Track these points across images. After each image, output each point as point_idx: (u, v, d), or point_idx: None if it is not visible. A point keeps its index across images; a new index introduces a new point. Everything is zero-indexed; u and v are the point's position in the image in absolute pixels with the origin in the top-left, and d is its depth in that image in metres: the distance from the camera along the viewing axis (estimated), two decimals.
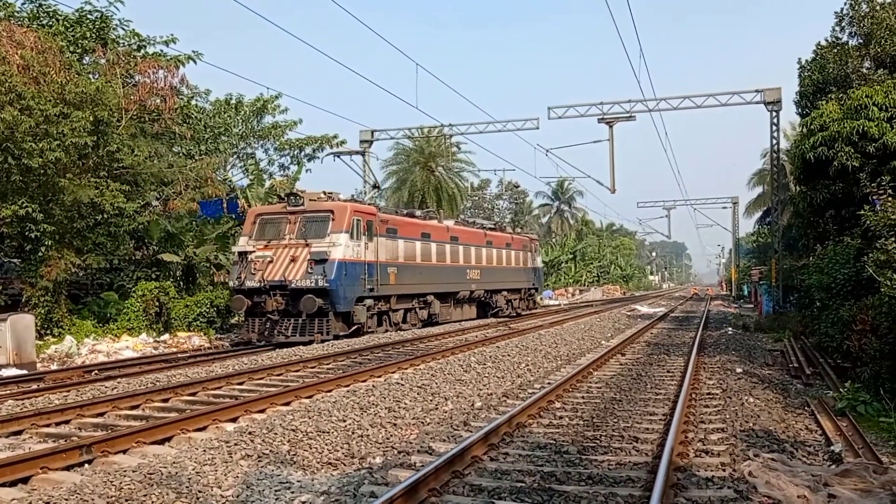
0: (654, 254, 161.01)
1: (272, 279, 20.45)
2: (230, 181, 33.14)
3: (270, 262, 20.69)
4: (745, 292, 59.13)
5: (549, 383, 12.81)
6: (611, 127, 30.15)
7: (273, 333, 20.42)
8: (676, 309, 44.27)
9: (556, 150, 32.42)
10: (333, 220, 20.80)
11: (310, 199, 21.44)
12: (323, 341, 20.02)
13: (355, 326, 21.30)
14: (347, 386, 12.56)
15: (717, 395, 11.63)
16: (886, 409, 10.10)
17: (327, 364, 15.63)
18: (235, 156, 35.41)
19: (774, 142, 30.44)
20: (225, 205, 30.35)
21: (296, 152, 36.23)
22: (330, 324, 20.35)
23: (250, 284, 20.59)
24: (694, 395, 11.51)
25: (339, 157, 25.82)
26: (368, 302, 21.77)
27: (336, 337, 20.40)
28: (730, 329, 26.15)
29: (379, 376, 13.56)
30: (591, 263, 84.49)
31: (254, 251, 20.93)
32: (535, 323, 28.13)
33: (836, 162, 18.37)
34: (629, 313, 37.05)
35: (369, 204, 24.48)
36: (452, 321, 27.82)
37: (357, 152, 29.45)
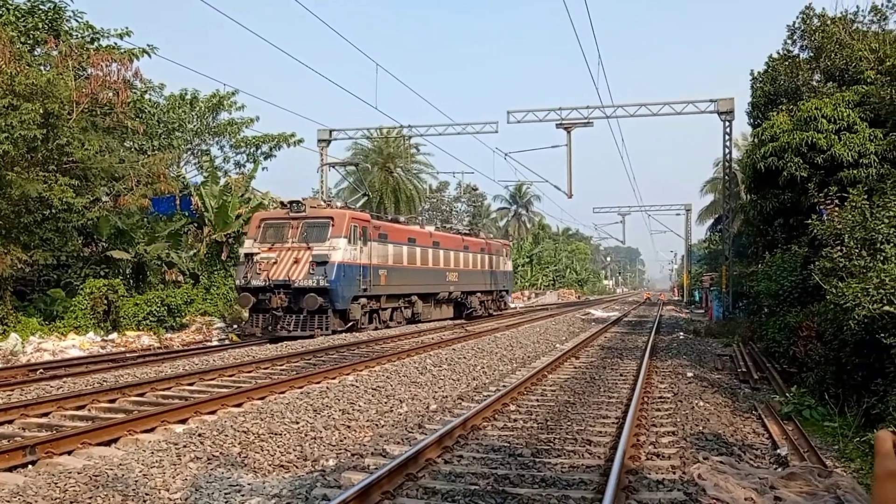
0: (608, 259, 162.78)
1: (277, 279, 22.36)
2: (184, 178, 32.58)
3: (275, 263, 22.60)
4: (697, 298, 60.09)
5: (504, 386, 12.87)
6: (569, 132, 30.42)
7: (276, 328, 22.17)
8: (630, 313, 44.89)
9: (514, 154, 32.88)
10: (333, 225, 22.85)
11: (311, 207, 23.62)
12: (322, 335, 21.89)
13: (351, 323, 23.28)
14: (301, 387, 12.44)
15: (668, 398, 11.82)
16: (830, 414, 10.34)
17: (281, 365, 15.50)
18: (190, 152, 34.84)
19: (727, 151, 30.93)
20: (178, 202, 29.82)
21: (252, 150, 35.79)
22: (329, 320, 22.31)
23: (256, 283, 22.43)
24: (646, 399, 11.68)
25: (334, 167, 26.73)
26: (363, 301, 23.87)
27: (334, 332, 22.33)
28: (681, 334, 26.55)
29: (333, 378, 13.50)
30: (547, 267, 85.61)
31: (259, 253, 22.79)
32: (492, 325, 28.36)
33: (786, 172, 18.85)
34: (584, 317, 37.44)
35: (363, 211, 26.95)
36: (433, 320, 29.87)
37: (350, 163, 32.72)
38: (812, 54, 23.52)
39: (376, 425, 9.58)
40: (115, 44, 26.54)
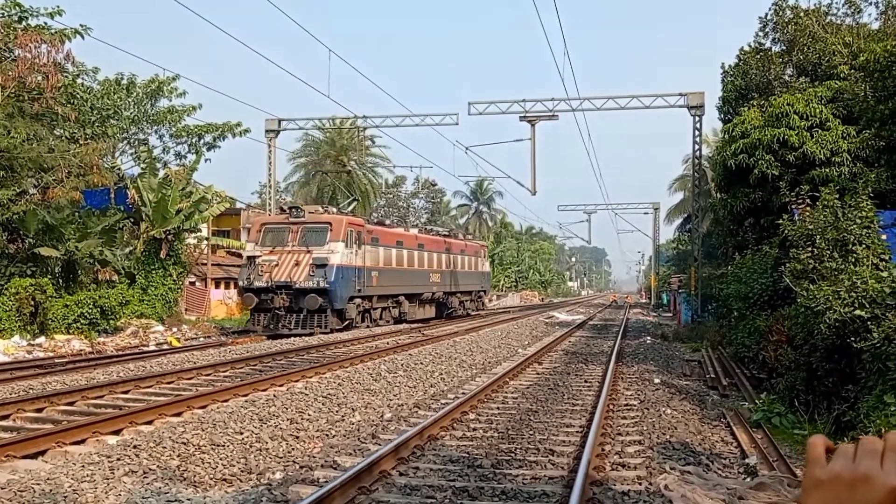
0: (573, 259, 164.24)
1: (279, 280, 24.94)
2: (119, 169, 31.98)
3: (276, 265, 25.15)
4: (665, 301, 60.93)
5: (463, 393, 12.95)
6: (533, 126, 30.59)
7: (278, 326, 24.80)
8: (595, 317, 45.48)
9: (475, 148, 33.21)
10: (331, 230, 25.53)
11: (309, 212, 26.29)
12: (322, 333, 24.24)
13: (347, 321, 25.91)
14: (245, 395, 12.36)
15: (634, 406, 12.01)
16: (801, 422, 10.56)
17: (224, 371, 15.41)
18: (126, 141, 34.18)
19: (696, 147, 31.31)
20: (112, 195, 29.31)
21: (194, 140, 35.24)
22: (328, 319, 24.93)
23: (258, 284, 25.04)
24: (611, 407, 11.83)
25: (326, 173, 28.30)
26: (357, 301, 26.68)
27: (332, 330, 24.77)
28: (648, 338, 26.95)
29: (281, 385, 13.47)
30: (510, 268, 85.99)
31: (261, 255, 25.31)
32: (450, 329, 28.53)
33: (757, 170, 19.25)
34: (547, 320, 37.87)
35: (356, 216, 30.28)
36: (417, 319, 32.53)
37: (343, 170, 36.48)
38: (784, 47, 24.06)
39: (327, 435, 9.54)
40: (45, 23, 25.94)
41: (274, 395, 12.01)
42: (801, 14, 23.87)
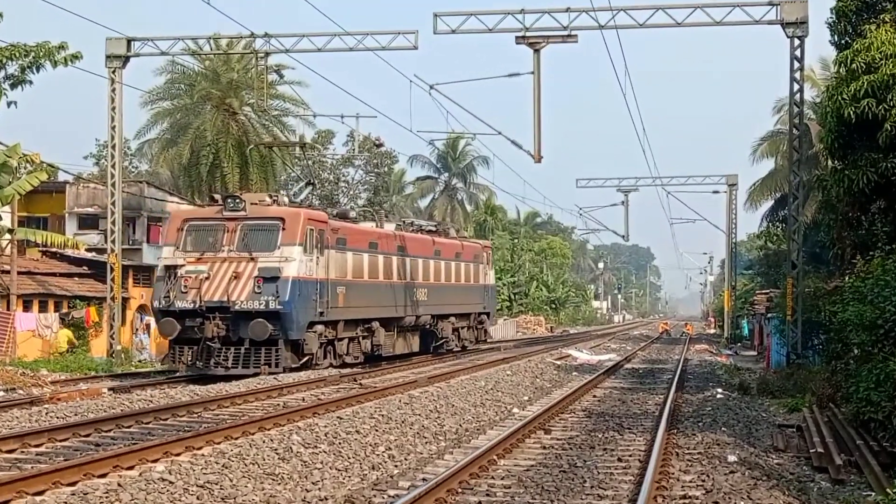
0: (600, 266, 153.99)
1: (210, 299, 24.53)
2: None
3: (207, 278, 24.67)
4: (745, 331, 59.11)
5: (423, 480, 12.15)
6: (537, 52, 28.00)
7: (209, 364, 24.70)
8: (636, 356, 43.44)
9: (446, 88, 29.83)
10: (284, 229, 25.24)
11: (251, 203, 25.86)
12: (271, 374, 24.23)
13: (306, 357, 26.08)
14: (72, 484, 11.35)
15: (697, 499, 11.38)
16: None
17: (37, 445, 14.31)
18: None
19: (796, 87, 29.48)
20: None
21: None
22: (281, 354, 24.84)
23: (182, 305, 24.60)
24: (661, 502, 11.24)
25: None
26: (319, 328, 26.63)
27: (286, 370, 24.95)
28: (719, 391, 25.54)
29: (130, 468, 12.58)
30: (500, 279, 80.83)
31: (184, 265, 24.99)
32: (402, 376, 27.60)
33: (889, 123, 17.64)
34: (559, 362, 35.74)
35: (316, 208, 30.51)
36: (396, 355, 33.05)
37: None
38: None
39: None
40: None
41: (118, 486, 11.02)
42: None
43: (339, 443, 14.70)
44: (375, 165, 71.82)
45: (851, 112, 18.99)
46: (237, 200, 25.83)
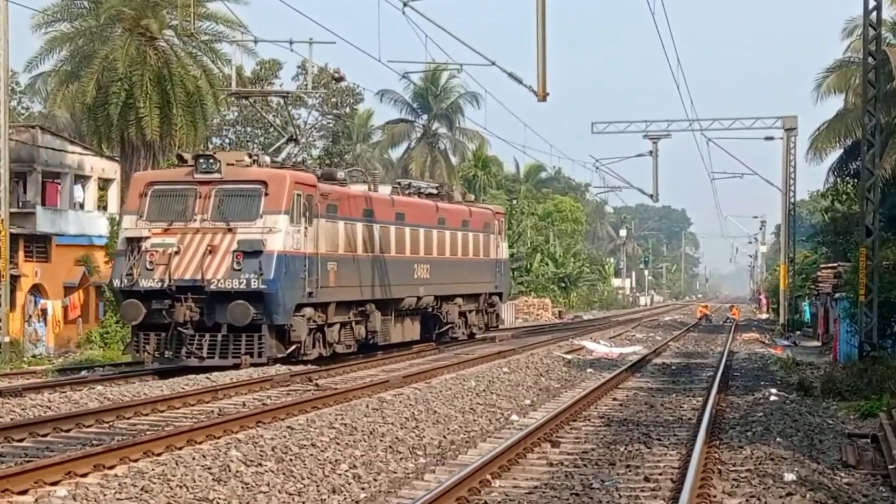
0: (622, 233, 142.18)
1: (181, 278, 23.74)
2: None
3: (177, 252, 23.80)
4: (807, 316, 56.75)
5: None
6: None
7: (180, 353, 24.03)
8: (667, 348, 42.17)
9: (423, 3, 25.69)
10: (267, 194, 24.25)
11: (228, 164, 24.72)
12: (254, 365, 23.80)
13: (294, 345, 25.18)
14: None
15: None
16: None
17: None
18: None
19: (872, 3, 26.92)
20: None
21: None
22: (264, 341, 23.92)
23: (147, 285, 23.79)
24: None
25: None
26: (308, 311, 25.62)
27: (270, 360, 24.28)
28: (773, 392, 24.32)
29: (22, 492, 11.59)
30: None
31: (149, 237, 24.14)
32: (374, 376, 26.51)
33: None
34: (570, 356, 34.40)
35: (301, 169, 29.23)
36: (393, 343, 32.19)
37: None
38: None
39: None
40: None
41: None
42: None
43: (290, 459, 13.93)
44: (334, 105, 64.56)
45: None
46: (211, 161, 24.52)
